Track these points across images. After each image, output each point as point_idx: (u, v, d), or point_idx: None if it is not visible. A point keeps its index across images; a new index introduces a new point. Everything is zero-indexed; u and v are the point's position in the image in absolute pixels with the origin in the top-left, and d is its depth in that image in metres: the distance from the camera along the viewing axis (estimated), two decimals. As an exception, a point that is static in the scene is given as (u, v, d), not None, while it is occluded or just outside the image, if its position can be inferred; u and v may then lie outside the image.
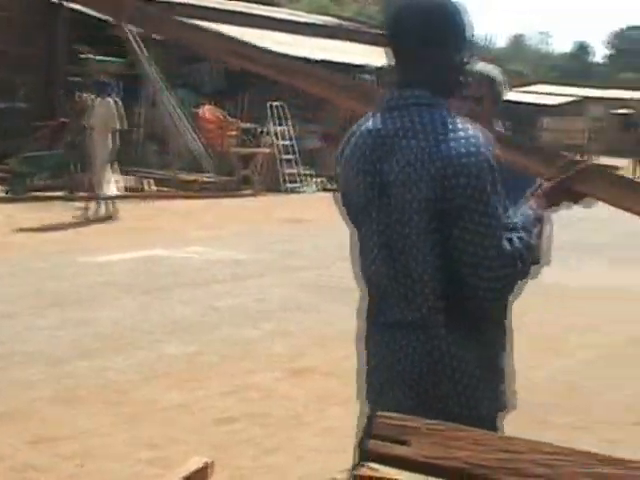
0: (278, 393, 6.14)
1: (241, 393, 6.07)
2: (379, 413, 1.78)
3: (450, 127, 2.39)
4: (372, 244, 2.50)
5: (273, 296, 9.14)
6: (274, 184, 19.63)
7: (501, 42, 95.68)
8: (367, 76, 25.49)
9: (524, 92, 40.29)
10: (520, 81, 49.17)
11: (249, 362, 6.79)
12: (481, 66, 3.98)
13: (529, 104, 36.81)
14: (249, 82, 21.58)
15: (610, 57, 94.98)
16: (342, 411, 5.18)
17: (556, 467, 1.61)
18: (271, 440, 5.27)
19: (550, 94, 43.60)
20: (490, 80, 3.92)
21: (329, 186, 18.83)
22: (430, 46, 2.47)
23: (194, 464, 2.60)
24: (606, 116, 45.80)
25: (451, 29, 2.49)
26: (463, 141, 2.36)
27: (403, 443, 1.70)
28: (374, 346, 2.57)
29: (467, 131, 2.38)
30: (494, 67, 4.03)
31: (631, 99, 46.85)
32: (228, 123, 20.19)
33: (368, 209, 2.50)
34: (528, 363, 6.14)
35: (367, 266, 2.55)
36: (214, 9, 22.79)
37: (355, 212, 2.57)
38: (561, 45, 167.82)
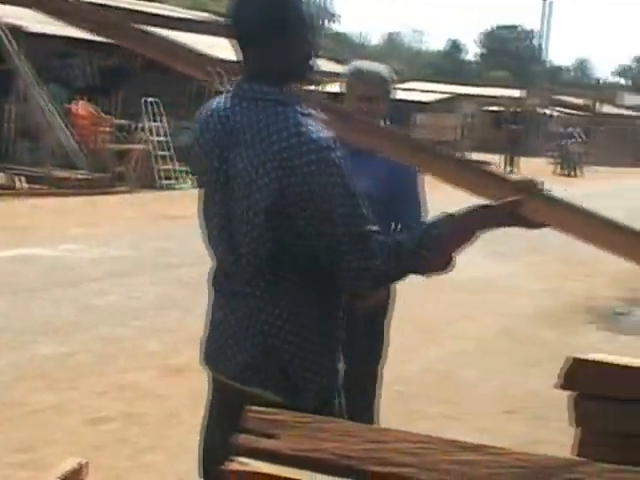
0: (154, 392, 6.10)
1: (116, 392, 6.01)
2: (248, 408, 1.80)
3: (292, 130, 2.42)
4: (213, 223, 2.60)
5: (148, 294, 9.07)
6: (149, 181, 19.44)
7: (376, 40, 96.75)
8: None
9: (398, 89, 40.84)
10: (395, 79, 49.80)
11: (124, 361, 6.72)
12: (374, 66, 4.11)
13: (403, 101, 37.32)
14: (123, 78, 21.32)
15: (482, 55, 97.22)
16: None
17: (422, 455, 1.67)
18: (147, 439, 5.24)
19: (424, 91, 44.35)
20: (383, 80, 4.02)
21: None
22: (276, 36, 2.48)
23: (68, 465, 2.57)
24: (478, 113, 46.85)
25: (297, 19, 2.49)
26: (298, 147, 2.39)
27: (272, 437, 1.73)
28: (218, 310, 2.66)
29: (305, 135, 2.40)
30: (385, 67, 4.12)
31: (502, 97, 48.05)
32: (101, 119, 19.90)
33: (212, 191, 2.58)
34: (402, 355, 6.28)
35: (211, 238, 2.64)
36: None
37: (203, 186, 2.67)
38: (435, 43, 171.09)
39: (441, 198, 8.09)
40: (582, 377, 2.20)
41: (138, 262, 10.71)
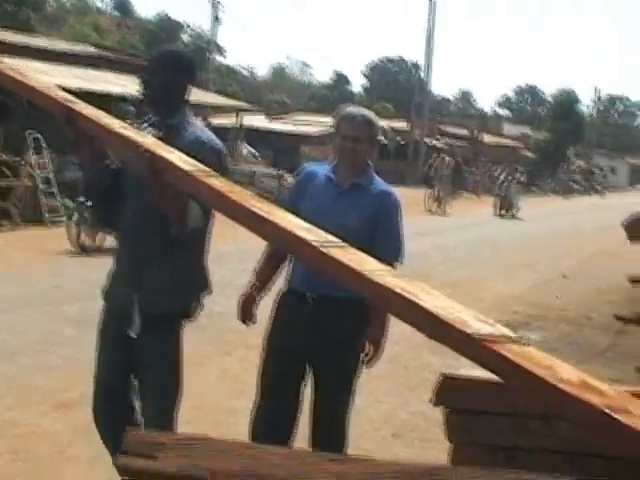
0: (41, 428, 6.03)
1: (2, 430, 5.93)
2: (129, 430, 1.87)
3: None
4: None
5: (34, 330, 8.92)
6: (35, 217, 19.13)
7: (262, 72, 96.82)
8: (130, 107, 25.31)
9: (285, 122, 41.18)
10: (281, 110, 50.23)
11: (10, 398, 6.63)
12: (362, 110, 4.64)
13: (290, 134, 37.64)
14: (4, 113, 20.98)
15: (367, 87, 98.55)
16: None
17: (293, 467, 1.76)
18: (34, 476, 5.20)
19: (310, 123, 44.70)
20: (368, 123, 4.52)
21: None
22: None
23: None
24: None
25: None
26: None
27: (152, 457, 1.79)
28: None
29: None
30: (372, 113, 4.62)
31: (386, 129, 48.77)
32: (-17, 155, 19.51)
33: None
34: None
35: None
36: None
37: None
38: (322, 75, 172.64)
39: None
40: (451, 393, 2.32)
41: (25, 299, 10.53)
